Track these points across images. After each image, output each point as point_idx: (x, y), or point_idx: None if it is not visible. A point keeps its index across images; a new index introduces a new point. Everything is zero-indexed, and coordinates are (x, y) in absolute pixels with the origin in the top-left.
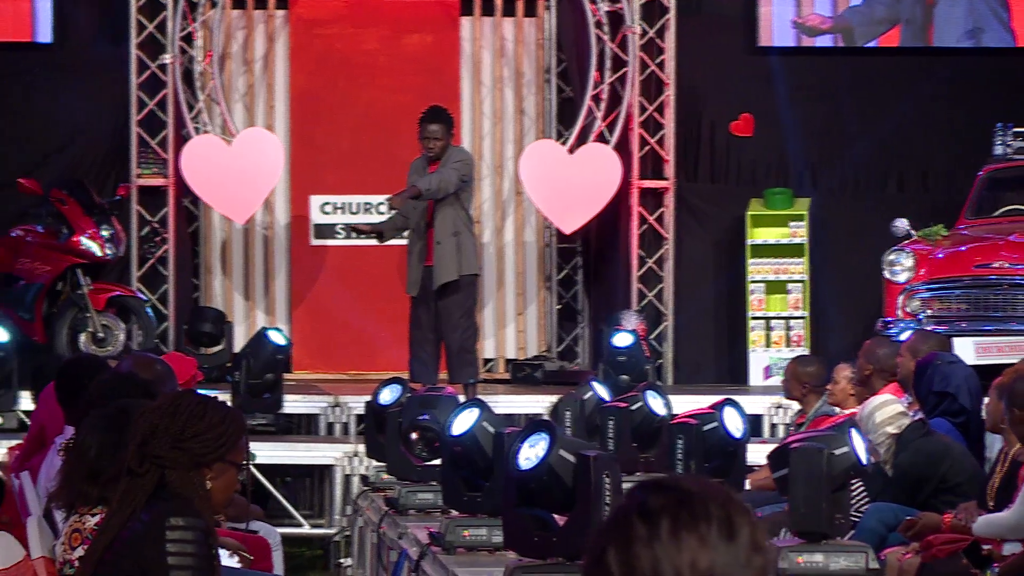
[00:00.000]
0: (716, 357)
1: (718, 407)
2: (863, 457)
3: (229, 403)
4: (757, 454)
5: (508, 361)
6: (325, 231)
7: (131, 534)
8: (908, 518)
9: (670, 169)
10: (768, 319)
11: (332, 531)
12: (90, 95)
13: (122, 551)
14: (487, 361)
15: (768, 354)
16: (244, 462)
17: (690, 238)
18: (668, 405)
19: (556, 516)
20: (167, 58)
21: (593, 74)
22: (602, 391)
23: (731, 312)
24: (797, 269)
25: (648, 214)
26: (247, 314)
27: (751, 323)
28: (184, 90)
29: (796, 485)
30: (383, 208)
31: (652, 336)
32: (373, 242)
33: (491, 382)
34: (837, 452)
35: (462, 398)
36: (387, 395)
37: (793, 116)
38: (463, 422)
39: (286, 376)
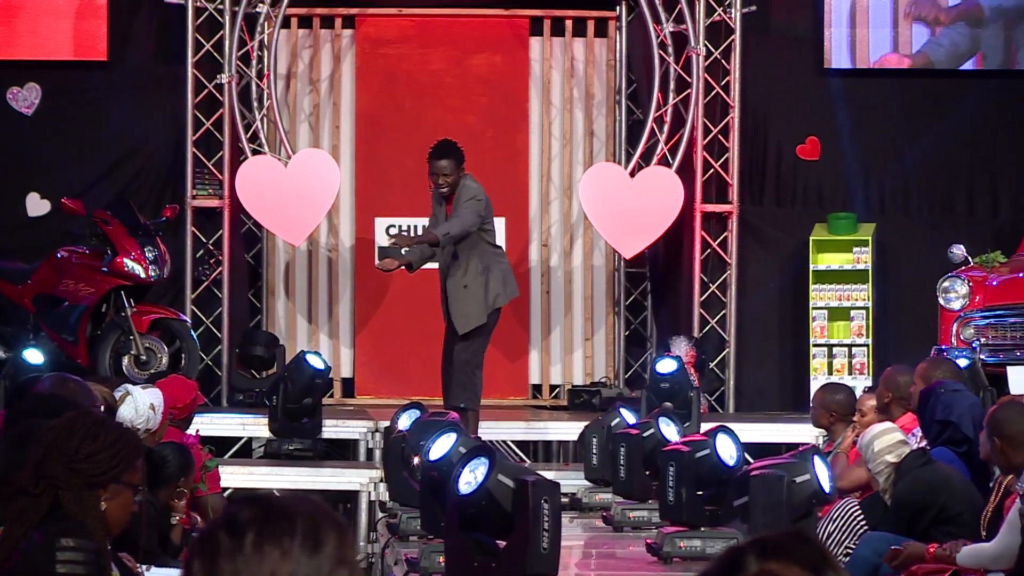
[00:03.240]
0: (779, 384)
1: (711, 434)
2: (826, 485)
3: (267, 428)
4: None
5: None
6: (391, 254)
7: (22, 555)
8: (893, 547)
9: (734, 193)
10: (831, 346)
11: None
12: (145, 114)
13: (13, 572)
14: (553, 388)
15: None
16: (140, 484)
17: (754, 263)
18: (681, 433)
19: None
20: (224, 78)
21: (656, 96)
22: (630, 417)
23: (794, 339)
24: (860, 296)
25: (711, 239)
26: (310, 337)
27: (813, 350)
28: (241, 110)
29: (755, 513)
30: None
31: (714, 363)
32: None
33: (554, 408)
34: (798, 480)
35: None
36: (405, 420)
37: (859, 139)
38: (440, 448)
39: (347, 401)
